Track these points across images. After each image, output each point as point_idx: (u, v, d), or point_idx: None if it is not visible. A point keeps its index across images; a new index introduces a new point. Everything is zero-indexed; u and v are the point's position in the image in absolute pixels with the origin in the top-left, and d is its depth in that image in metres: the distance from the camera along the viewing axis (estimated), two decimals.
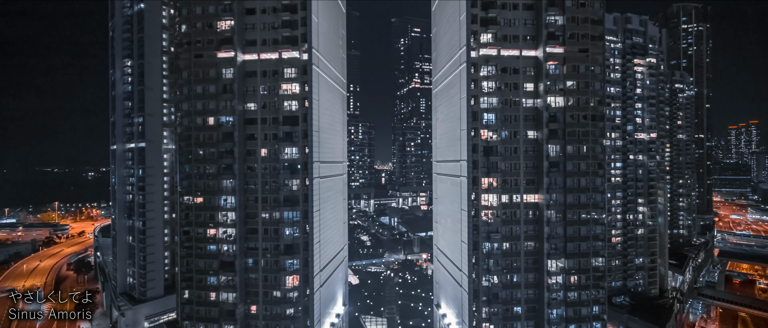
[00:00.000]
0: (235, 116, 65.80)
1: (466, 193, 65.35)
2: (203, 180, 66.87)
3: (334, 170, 79.50)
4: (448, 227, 77.21)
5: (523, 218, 66.38)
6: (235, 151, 65.79)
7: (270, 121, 67.04)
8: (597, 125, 66.19)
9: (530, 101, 66.75)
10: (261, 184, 67.23)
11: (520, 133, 66.44)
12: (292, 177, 65.94)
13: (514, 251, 66.25)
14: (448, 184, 77.08)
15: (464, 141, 65.92)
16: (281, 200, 66.07)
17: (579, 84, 65.64)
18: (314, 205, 66.52)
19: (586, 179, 65.68)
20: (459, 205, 69.19)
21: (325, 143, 73.31)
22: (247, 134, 67.56)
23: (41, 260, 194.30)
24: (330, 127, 76.41)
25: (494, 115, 65.74)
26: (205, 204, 66.87)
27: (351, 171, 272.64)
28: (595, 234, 66.00)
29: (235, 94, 65.70)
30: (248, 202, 67.56)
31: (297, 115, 65.97)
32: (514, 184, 66.38)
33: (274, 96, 66.63)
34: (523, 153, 66.47)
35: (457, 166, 70.73)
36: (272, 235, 66.90)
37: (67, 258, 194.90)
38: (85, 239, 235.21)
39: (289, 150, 66.50)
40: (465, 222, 65.80)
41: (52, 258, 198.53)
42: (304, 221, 66.03)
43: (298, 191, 66.15)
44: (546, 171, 64.67)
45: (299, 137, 66.01)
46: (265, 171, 67.29)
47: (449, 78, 74.55)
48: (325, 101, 72.93)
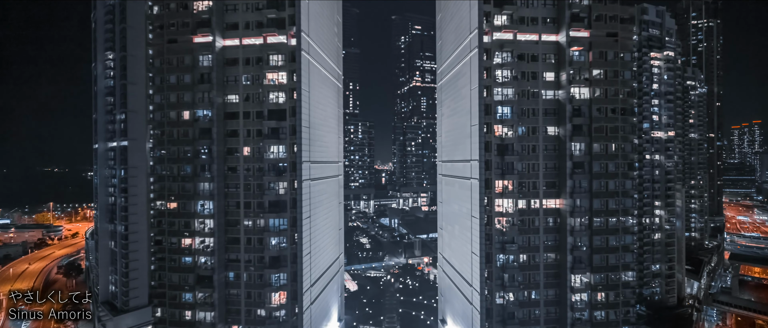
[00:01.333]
0: (214, 110, 56.73)
1: (477, 197, 56.21)
2: (177, 182, 57.83)
3: (327, 171, 70.34)
4: (455, 235, 68.04)
5: (543, 226, 57.27)
6: (214, 150, 56.71)
7: (253, 115, 57.98)
8: (627, 120, 57.09)
9: (551, 93, 57.65)
10: (243, 187, 58.16)
11: (539, 129, 57.33)
12: (279, 179, 56.84)
13: (532, 264, 57.15)
14: (455, 187, 67.88)
15: (475, 138, 56.79)
16: (266, 206, 56.98)
17: (607, 73, 56.50)
18: (304, 211, 57.41)
19: (615, 181, 56.55)
20: (469, 210, 60.06)
21: (318, 141, 64.18)
22: (227, 130, 58.49)
23: (30, 262, 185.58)
24: (323, 123, 67.27)
25: (510, 109, 56.61)
26: (179, 210, 57.82)
27: (350, 171, 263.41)
28: (625, 245, 56.91)
29: (214, 84, 56.63)
30: (229, 207, 58.48)
31: (284, 108, 56.88)
32: (532, 187, 57.25)
33: (258, 87, 57.56)
34: (542, 152, 57.38)
35: (467, 166, 61.61)
36: (256, 245, 57.81)
37: (57, 261, 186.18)
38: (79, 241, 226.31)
39: (276, 148, 57.41)
40: (476, 231, 56.67)
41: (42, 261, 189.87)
42: (293, 229, 56.92)
43: (286, 195, 57.04)
44: (569, 173, 55.54)
45: (287, 134, 56.91)
46: (247, 172, 58.22)
47: (457, 67, 65.31)
48: (317, 94, 63.81)
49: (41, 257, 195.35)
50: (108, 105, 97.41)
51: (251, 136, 58.09)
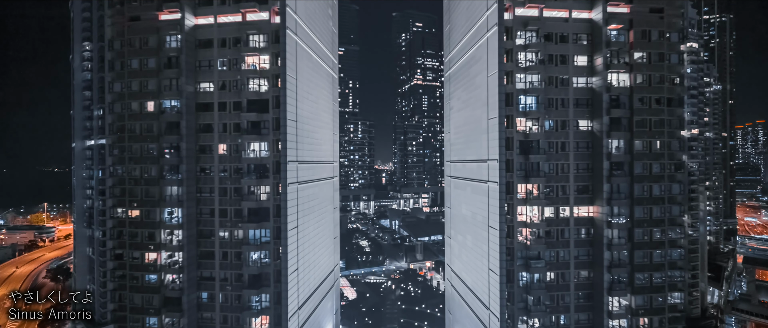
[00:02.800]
0: (183, 100, 46.99)
1: (496, 204, 46.40)
2: (140, 186, 48.04)
3: (319, 173, 60.51)
4: (466, 247, 58.25)
5: (574, 238, 47.49)
6: (183, 147, 46.95)
7: (230, 106, 48.24)
8: (674, 113, 47.38)
9: (583, 80, 47.91)
10: (218, 191, 48.41)
11: (569, 123, 47.59)
12: (260, 182, 47.07)
13: (561, 283, 47.39)
14: (467, 191, 58.07)
15: (494, 134, 46.99)
16: (245, 214, 47.23)
17: (651, 56, 46.74)
18: (290, 219, 47.64)
19: (660, 185, 46.85)
20: (485, 219, 50.27)
21: (307, 138, 54.40)
22: (199, 125, 48.75)
23: (18, 266, 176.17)
24: (314, 117, 57.47)
25: (535, 99, 46.84)
26: (142, 219, 48.03)
27: (350, 171, 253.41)
28: (672, 261, 47.15)
29: (183, 70, 46.88)
30: (201, 216, 48.73)
31: (266, 98, 47.12)
32: (561, 192, 47.50)
33: (235, 73, 47.83)
34: (573, 150, 47.65)
35: (482, 167, 51.81)
36: (233, 260, 48.08)
37: (47, 264, 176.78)
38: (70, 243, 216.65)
39: (256, 146, 47.65)
40: (494, 244, 46.88)
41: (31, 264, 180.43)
42: (276, 241, 47.14)
43: (268, 201, 47.27)
44: (606, 175, 45.75)
45: (269, 129, 47.15)
46: (223, 174, 48.47)
47: (471, 52, 55.43)
48: (306, 82, 54.03)
49: (30, 259, 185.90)
50: (86, 100, 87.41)
51: (228, 131, 48.33)
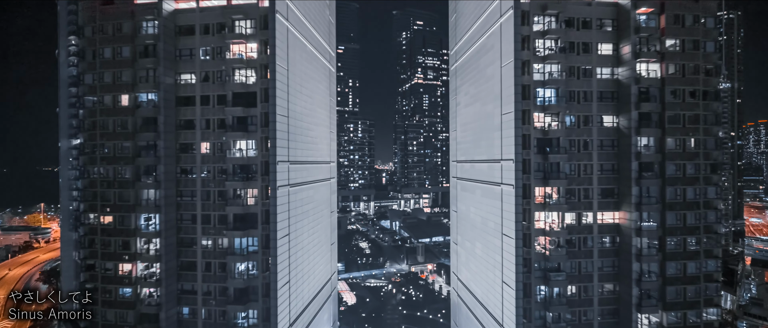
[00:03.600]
0: (161, 93, 41.71)
1: (511, 210, 41.07)
2: (114, 189, 42.76)
3: (315, 174, 55.17)
4: (475, 255, 52.90)
5: (598, 248, 42.16)
6: (160, 146, 41.67)
7: (214, 100, 42.94)
8: (710, 107, 41.95)
9: (608, 71, 42.60)
10: (201, 195, 43.12)
11: (592, 118, 42.27)
12: (247, 185, 41.76)
13: (583, 297, 42.07)
14: (476, 194, 52.71)
15: (509, 131, 41.66)
16: (230, 220, 41.92)
17: (685, 44, 41.34)
18: (280, 226, 42.32)
19: (695, 188, 41.47)
20: (497, 226, 44.93)
21: (301, 135, 49.09)
22: (179, 120, 43.47)
23: (11, 268, 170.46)
24: (308, 112, 52.13)
25: (554, 92, 41.52)
26: (116, 225, 42.76)
27: (350, 171, 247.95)
28: (708, 273, 41.75)
29: (161, 59, 41.59)
30: (182, 223, 43.44)
31: (254, 90, 41.82)
32: (583, 196, 42.17)
33: (220, 63, 42.53)
34: (597, 149, 42.34)
35: (494, 169, 46.46)
36: (217, 272, 42.78)
37: (40, 266, 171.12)
38: None
39: (243, 144, 42.36)
40: (509, 254, 41.55)
41: (24, 266, 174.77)
42: (265, 251, 41.81)
43: (256, 205, 41.96)
44: (635, 177, 40.43)
45: (257, 125, 41.86)
46: (207, 176, 43.17)
47: (481, 40, 50.04)
48: (300, 75, 48.71)
49: (24, 261, 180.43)
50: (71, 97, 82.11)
51: (211, 128, 43.04)
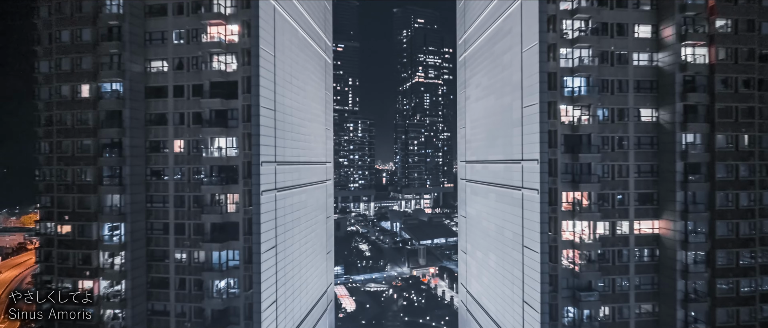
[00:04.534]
0: (127, 82, 35.50)
1: (535, 218, 34.84)
2: (72, 194, 36.49)
3: (308, 176, 48.88)
4: (488, 267, 46.65)
5: (635, 262, 35.96)
6: (126, 144, 35.46)
7: (189, 91, 36.75)
8: (767, 98, 35.65)
9: (645, 57, 36.39)
10: (173, 201, 36.93)
11: (628, 111, 36.08)
12: (227, 190, 35.56)
13: (618, 320, 35.88)
14: (489, 199, 46.43)
15: (532, 127, 35.42)
16: (207, 230, 35.73)
17: (737, 25, 35.10)
18: (265, 237, 36.12)
19: (749, 193, 35.22)
20: (517, 236, 38.68)
21: (291, 132, 42.84)
22: (149, 115, 37.26)
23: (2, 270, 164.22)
24: (300, 106, 45.85)
25: (584, 80, 35.30)
26: (75, 236, 36.51)
27: (350, 172, 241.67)
28: (764, 293, 35.50)
29: (127, 43, 35.39)
30: (152, 233, 37.24)
31: (235, 79, 35.61)
32: (617, 203, 35.96)
33: (195, 47, 36.32)
34: (633, 147, 36.13)
35: (512, 170, 40.20)
36: (193, 290, 36.60)
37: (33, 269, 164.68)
38: None
39: (222, 142, 36.16)
40: (532, 270, 35.33)
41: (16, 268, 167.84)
42: (248, 266, 35.61)
43: (238, 213, 35.75)
44: (679, 180, 34.23)
45: (238, 119, 35.65)
46: (180, 179, 36.97)
47: (497, 24, 43.68)
48: (290, 63, 42.46)
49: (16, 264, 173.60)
50: None
51: (186, 123, 36.84)
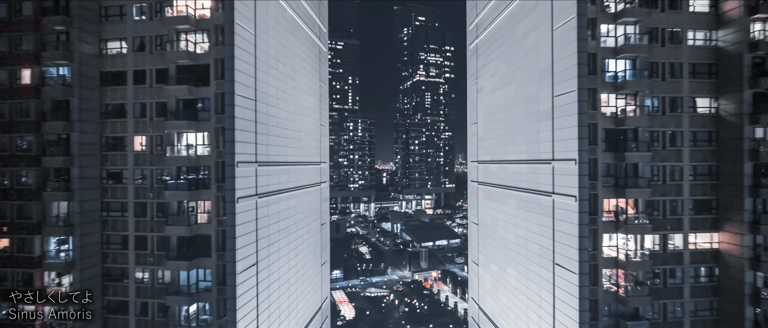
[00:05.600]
0: (76, 66, 29.02)
1: (571, 230, 28.29)
2: (10, 201, 29.98)
3: (298, 177, 42.23)
4: (507, 284, 40.04)
5: (690, 284, 29.44)
6: (75, 141, 28.99)
7: (152, 77, 30.26)
8: None
9: (701, 36, 29.83)
10: (134, 210, 30.43)
11: (682, 101, 29.56)
12: (195, 196, 29.06)
13: None
14: (508, 205, 39.81)
15: (566, 120, 28.84)
16: (174, 245, 29.21)
17: None
18: (243, 253, 29.59)
19: None
20: (544, 251, 32.10)
21: (278, 128, 36.28)
22: (104, 106, 30.77)
23: None
24: (289, 98, 39.23)
25: (629, 63, 28.76)
26: (13, 252, 30.00)
27: (349, 172, 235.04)
28: None
29: (76, 18, 28.93)
30: (109, 247, 30.75)
31: (206, 62, 29.11)
32: (669, 211, 29.43)
33: (160, 24, 29.83)
34: (688, 144, 29.58)
35: (539, 172, 33.62)
36: (157, 317, 30.11)
37: None
38: None
39: (191, 138, 29.67)
40: (566, 292, 28.78)
41: None
42: (222, 288, 29.07)
43: (209, 224, 29.23)
44: (749, 185, 27.75)
45: (210, 111, 29.14)
46: (141, 182, 30.46)
47: (518, 1, 36.92)
48: (276, 46, 35.91)
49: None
50: None
51: (148, 115, 30.33)
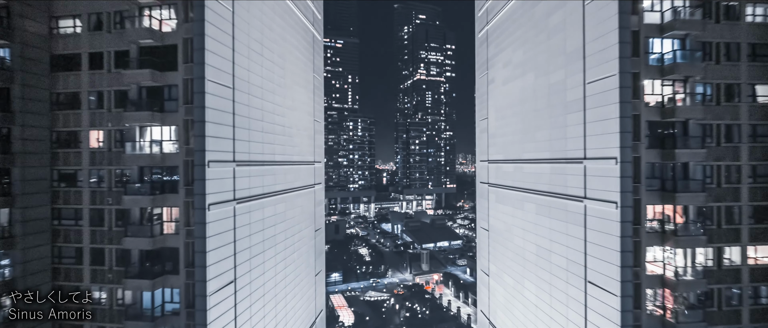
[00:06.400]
0: (19, 47, 24.19)
1: (611, 244, 23.45)
2: None
3: (288, 179, 37.28)
4: (523, 300, 35.15)
5: (749, 305, 24.58)
6: (17, 136, 24.18)
7: (111, 61, 25.42)
8: None
9: (761, 11, 24.95)
10: (89, 217, 25.59)
11: (740, 89, 24.66)
12: (160, 201, 24.20)
13: None
14: (526, 210, 34.94)
15: (603, 111, 23.97)
16: (135, 261, 24.36)
17: None
18: (215, 270, 24.74)
19: None
20: (575, 267, 27.23)
21: (262, 121, 31.40)
22: (55, 95, 25.91)
23: None
24: (276, 89, 34.33)
25: (678, 43, 23.89)
26: None
27: (349, 172, 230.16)
28: None
29: None
30: (61, 263, 25.90)
31: (173, 42, 24.25)
32: (725, 219, 24.53)
33: (117, 0, 24.99)
34: (748, 140, 24.71)
35: (567, 172, 28.73)
36: None
37: None
38: None
39: (156, 133, 24.80)
40: (603, 316, 23.89)
41: None
42: (190, 312, 24.21)
43: (177, 236, 24.38)
44: None
45: (178, 100, 24.27)
46: (97, 184, 25.61)
47: None
48: (260, 27, 31.05)
49: None
50: None
51: (106, 106, 25.50)
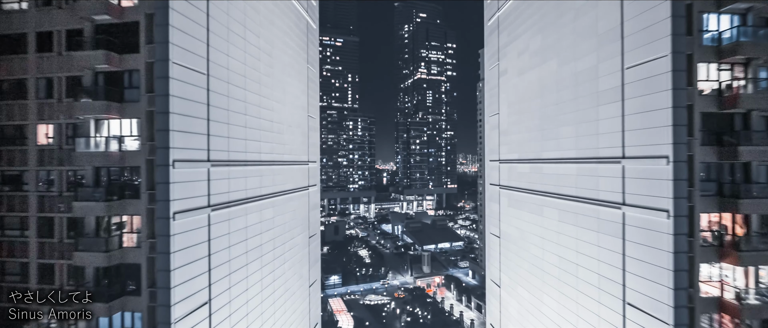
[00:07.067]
0: None
1: (659, 260, 19.30)
2: None
3: (277, 181, 33.11)
4: (543, 317, 30.99)
5: None
6: None
7: (62, 41, 21.25)
8: None
9: None
10: (37, 227, 21.43)
11: None
12: (119, 210, 20.06)
13: None
14: (546, 217, 30.75)
15: (646, 101, 19.81)
16: (89, 279, 20.21)
17: None
18: (183, 291, 20.63)
19: None
20: (609, 286, 23.10)
21: (246, 115, 27.27)
22: None
23: None
24: (262, 79, 30.20)
25: (738, 20, 19.73)
26: None
27: (349, 172, 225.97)
28: None
29: None
30: (3, 278, 21.75)
31: (135, 19, 20.08)
32: None
33: None
34: None
35: (600, 174, 24.59)
36: None
37: None
38: None
39: (115, 127, 20.64)
40: None
41: None
42: None
43: (138, 250, 20.24)
44: None
45: (140, 88, 20.11)
46: (45, 187, 21.48)
47: None
48: (242, 6, 26.95)
49: None
50: None
51: (57, 95, 21.39)
